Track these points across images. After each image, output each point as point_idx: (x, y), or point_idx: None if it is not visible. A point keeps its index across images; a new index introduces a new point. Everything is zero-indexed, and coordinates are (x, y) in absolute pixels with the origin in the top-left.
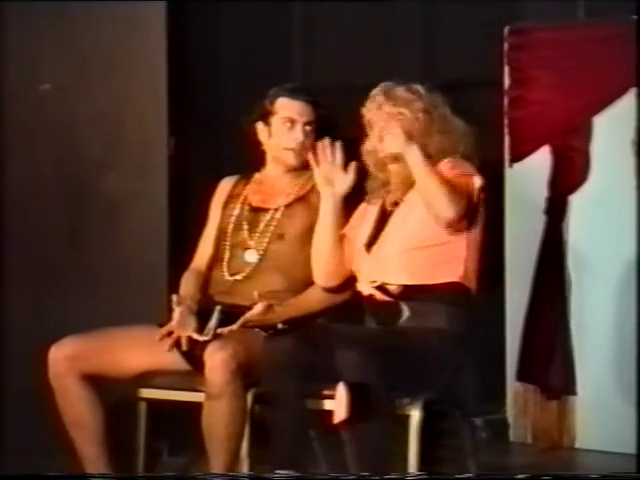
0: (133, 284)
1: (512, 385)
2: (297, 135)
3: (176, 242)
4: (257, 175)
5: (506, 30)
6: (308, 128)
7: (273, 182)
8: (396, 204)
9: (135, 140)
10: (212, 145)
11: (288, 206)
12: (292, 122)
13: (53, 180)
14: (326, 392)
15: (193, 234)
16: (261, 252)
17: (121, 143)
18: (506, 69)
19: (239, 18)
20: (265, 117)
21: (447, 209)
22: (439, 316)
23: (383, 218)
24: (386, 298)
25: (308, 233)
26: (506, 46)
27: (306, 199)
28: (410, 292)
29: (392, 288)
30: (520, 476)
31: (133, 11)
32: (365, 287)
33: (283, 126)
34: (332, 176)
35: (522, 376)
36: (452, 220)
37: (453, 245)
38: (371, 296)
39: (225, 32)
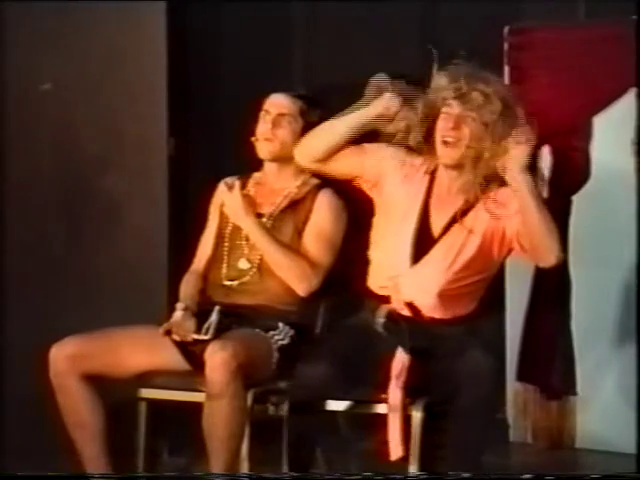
0: (133, 284)
1: (512, 385)
2: (267, 124)
3: (176, 242)
4: (256, 175)
5: (506, 30)
6: (282, 118)
7: (271, 183)
8: (446, 231)
9: (135, 140)
10: (212, 145)
11: (282, 211)
12: (267, 113)
13: (53, 180)
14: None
15: (193, 234)
16: (256, 260)
17: (121, 143)
18: (506, 69)
19: (239, 18)
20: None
21: (558, 253)
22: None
23: (429, 232)
24: (409, 314)
25: (298, 239)
26: (506, 46)
27: (300, 204)
28: (436, 321)
29: (423, 315)
30: (522, 476)
31: (133, 11)
32: (396, 300)
33: (260, 119)
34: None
35: (522, 376)
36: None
37: (487, 281)
38: (394, 309)
39: (225, 32)
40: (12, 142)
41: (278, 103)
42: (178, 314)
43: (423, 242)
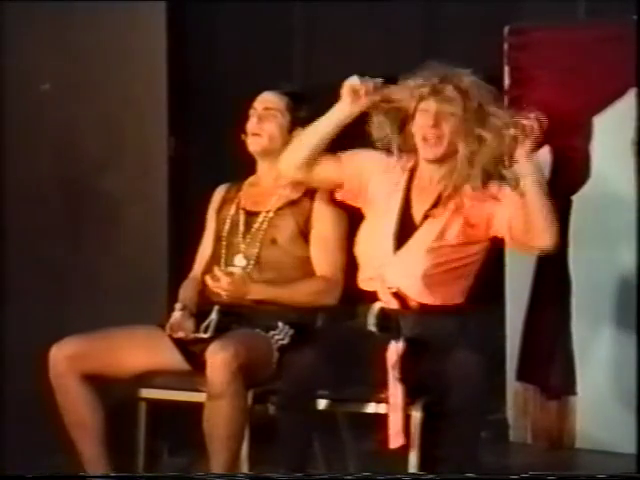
0: (133, 285)
1: (512, 385)
2: (254, 119)
3: (176, 243)
4: (251, 178)
5: (506, 30)
6: (267, 113)
7: (264, 184)
8: (427, 217)
9: (135, 140)
10: (212, 145)
11: (280, 209)
12: (254, 109)
13: (53, 180)
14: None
15: (193, 235)
16: (253, 256)
17: (121, 143)
18: (506, 69)
19: (239, 18)
20: None
21: (553, 233)
22: (444, 323)
23: (411, 220)
24: (399, 307)
25: (299, 237)
26: (506, 46)
27: (298, 204)
28: (425, 308)
29: (411, 302)
30: (523, 476)
31: (133, 11)
32: (382, 291)
33: (250, 117)
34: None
35: (522, 376)
36: (548, 250)
37: (472, 267)
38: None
39: (225, 32)
40: (12, 142)
41: (264, 99)
42: (177, 314)
43: (405, 230)
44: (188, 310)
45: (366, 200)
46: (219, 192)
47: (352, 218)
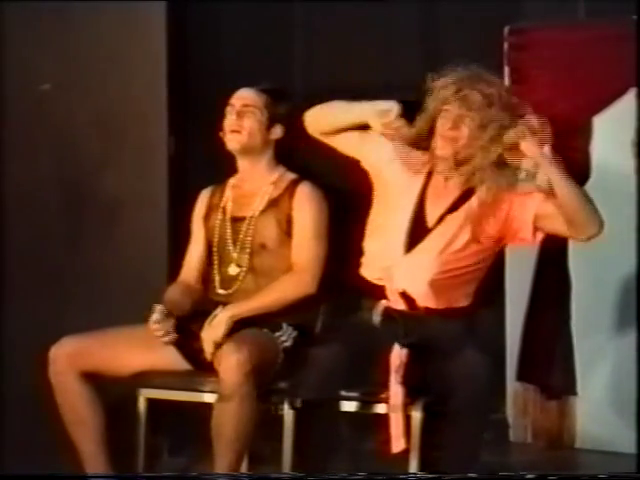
0: (133, 284)
1: (512, 385)
2: (232, 116)
3: (176, 242)
4: (231, 180)
5: (506, 30)
6: (246, 109)
7: (247, 184)
8: (441, 221)
9: (135, 140)
10: (212, 145)
11: (263, 211)
12: (232, 106)
13: (52, 180)
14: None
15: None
16: (245, 264)
17: (121, 143)
18: (506, 69)
19: (239, 18)
20: None
21: (599, 221)
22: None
23: (424, 223)
24: (405, 307)
25: (285, 238)
26: (506, 46)
27: (278, 203)
28: (430, 311)
29: (417, 305)
30: (525, 476)
31: (133, 11)
32: (390, 290)
33: (227, 114)
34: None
35: (522, 376)
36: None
37: (480, 272)
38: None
39: (225, 32)
40: (12, 142)
41: (242, 96)
42: (156, 315)
43: (417, 232)
44: (167, 312)
45: (380, 183)
46: (204, 197)
47: (358, 215)
